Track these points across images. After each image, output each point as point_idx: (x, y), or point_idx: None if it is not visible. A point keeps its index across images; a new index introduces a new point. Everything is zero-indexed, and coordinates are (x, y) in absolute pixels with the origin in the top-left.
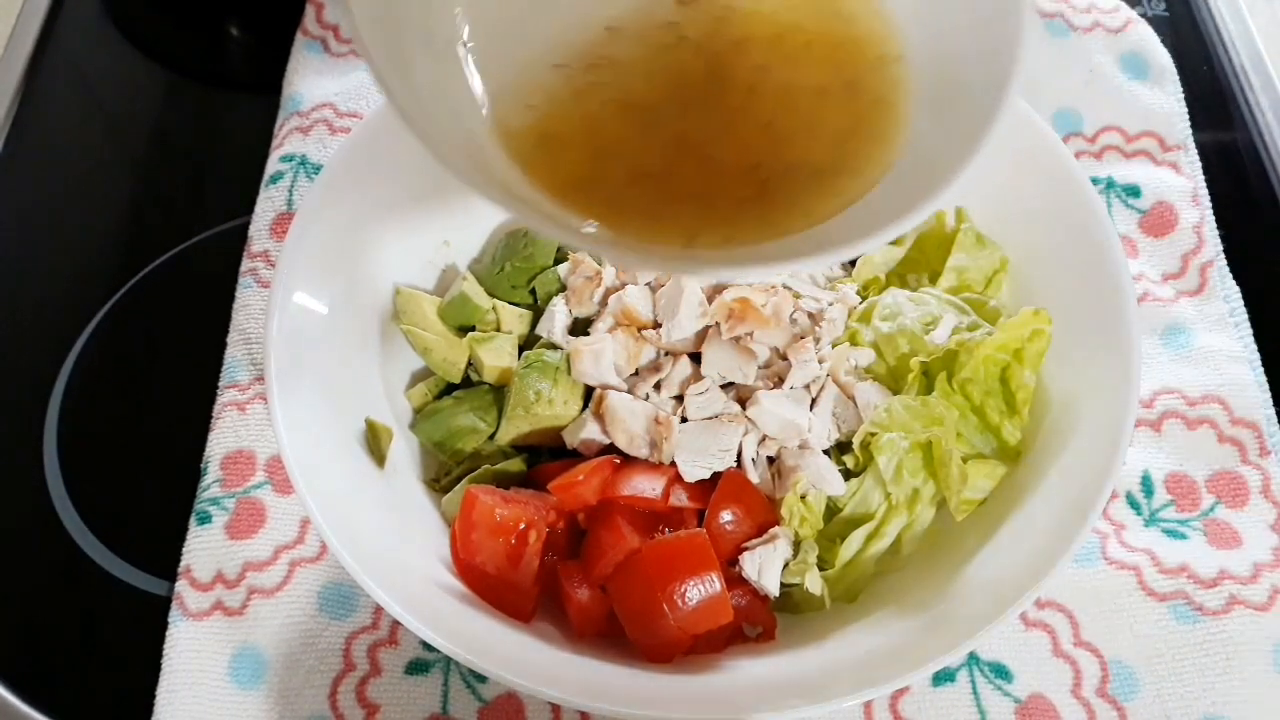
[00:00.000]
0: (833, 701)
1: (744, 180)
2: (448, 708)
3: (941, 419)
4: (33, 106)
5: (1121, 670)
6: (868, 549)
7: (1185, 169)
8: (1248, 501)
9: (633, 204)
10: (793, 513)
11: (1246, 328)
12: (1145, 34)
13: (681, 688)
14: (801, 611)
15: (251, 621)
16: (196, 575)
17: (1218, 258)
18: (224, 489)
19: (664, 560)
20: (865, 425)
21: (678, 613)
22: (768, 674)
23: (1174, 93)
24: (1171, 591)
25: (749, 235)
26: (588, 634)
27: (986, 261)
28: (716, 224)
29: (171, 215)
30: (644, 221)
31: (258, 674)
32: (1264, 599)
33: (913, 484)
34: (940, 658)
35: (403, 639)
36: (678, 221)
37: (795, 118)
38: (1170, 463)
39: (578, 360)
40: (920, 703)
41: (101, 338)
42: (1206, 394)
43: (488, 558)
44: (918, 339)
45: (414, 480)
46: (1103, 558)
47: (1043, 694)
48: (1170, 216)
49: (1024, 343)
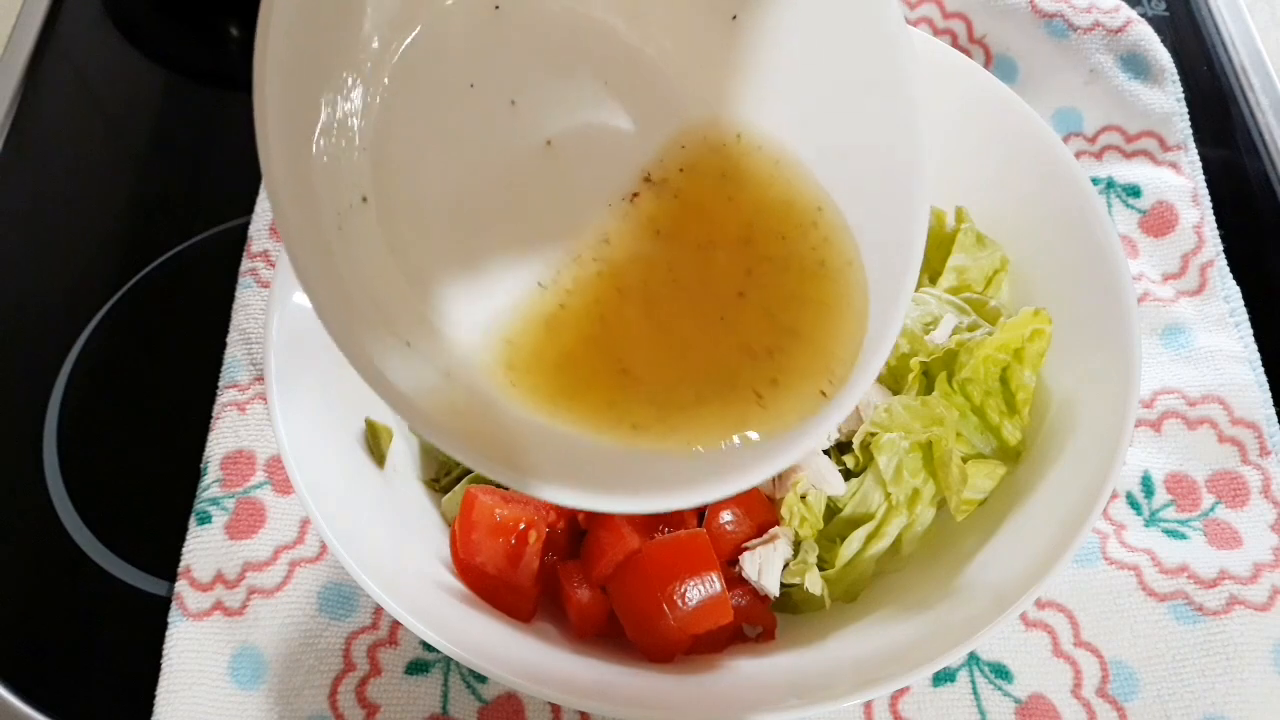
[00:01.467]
0: (833, 702)
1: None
2: (448, 708)
3: (942, 419)
4: (33, 106)
5: (1122, 670)
6: (868, 549)
7: (1185, 169)
8: (1248, 501)
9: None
10: (793, 513)
11: (1247, 328)
12: (1145, 34)
13: (681, 688)
14: (801, 612)
15: (251, 621)
16: (196, 575)
17: (1218, 258)
18: (224, 489)
19: (664, 560)
20: (865, 425)
21: (678, 613)
22: (768, 674)
23: (1174, 92)
24: (1172, 592)
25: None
26: (588, 634)
27: (987, 261)
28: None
29: (171, 215)
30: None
31: (257, 674)
32: (1264, 599)
33: (913, 484)
34: (940, 658)
35: (402, 639)
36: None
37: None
38: (1170, 463)
39: None
40: (920, 703)
41: (101, 338)
42: (1207, 394)
43: (488, 558)
44: (918, 339)
45: (414, 480)
46: (1103, 558)
47: (1043, 694)
48: (1170, 216)
49: (1024, 343)
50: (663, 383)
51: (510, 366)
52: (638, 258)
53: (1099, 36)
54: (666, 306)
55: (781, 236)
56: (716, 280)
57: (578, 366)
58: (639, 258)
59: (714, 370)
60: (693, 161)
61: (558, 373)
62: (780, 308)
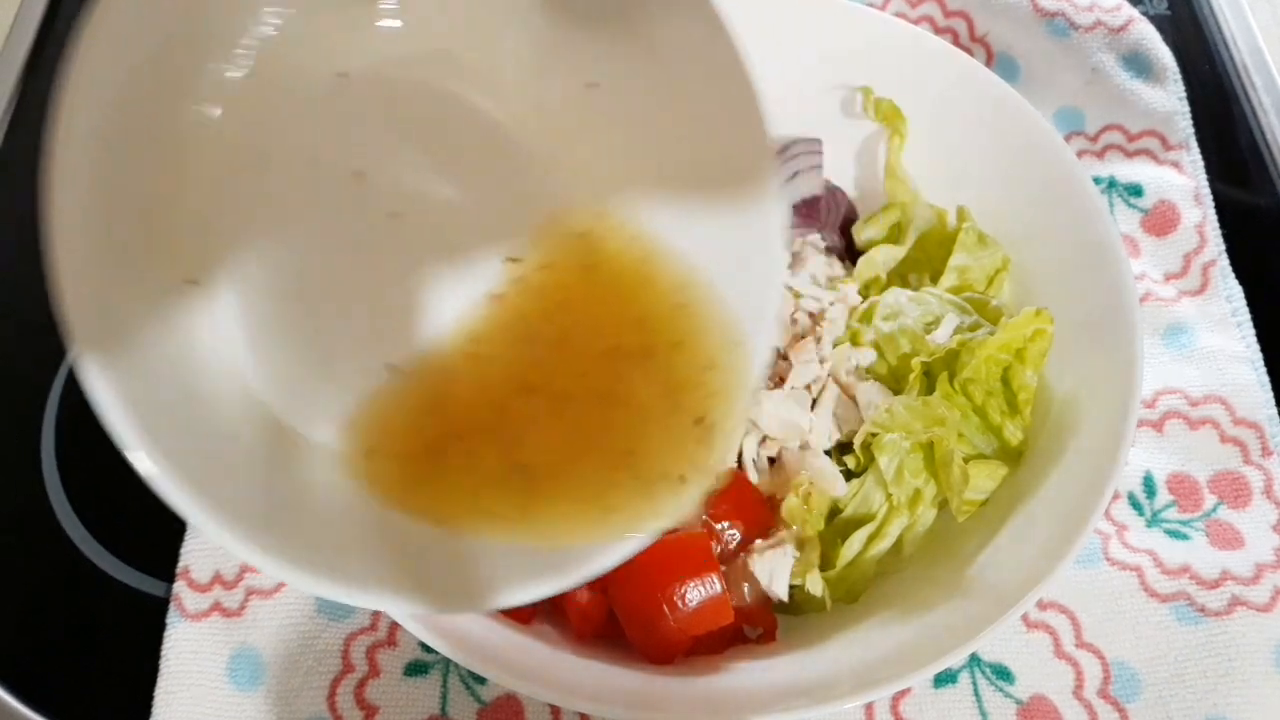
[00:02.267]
0: (834, 703)
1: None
2: (447, 709)
3: (943, 419)
4: (32, 106)
5: (1123, 671)
6: (869, 550)
7: (1187, 168)
8: (1250, 502)
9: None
10: (794, 514)
11: (1249, 327)
12: (1147, 32)
13: (681, 689)
14: (802, 613)
15: (250, 622)
16: (194, 576)
17: (1220, 257)
18: None
19: (664, 561)
20: (866, 426)
21: (678, 614)
22: (768, 675)
23: (1176, 91)
24: (1173, 592)
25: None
26: (587, 635)
27: (988, 261)
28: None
29: None
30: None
31: (256, 675)
32: (1266, 600)
33: (914, 485)
34: (942, 659)
35: (401, 640)
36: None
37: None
38: (1172, 463)
39: None
40: (921, 704)
41: None
42: (1209, 394)
43: None
44: (919, 339)
45: None
46: (1105, 558)
47: (1044, 695)
48: (1172, 216)
49: (1026, 342)
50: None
51: (369, 453)
52: (500, 355)
53: (1100, 35)
54: (533, 400)
55: (643, 324)
56: (580, 377)
57: (436, 456)
58: (502, 355)
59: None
60: (555, 254)
61: (415, 462)
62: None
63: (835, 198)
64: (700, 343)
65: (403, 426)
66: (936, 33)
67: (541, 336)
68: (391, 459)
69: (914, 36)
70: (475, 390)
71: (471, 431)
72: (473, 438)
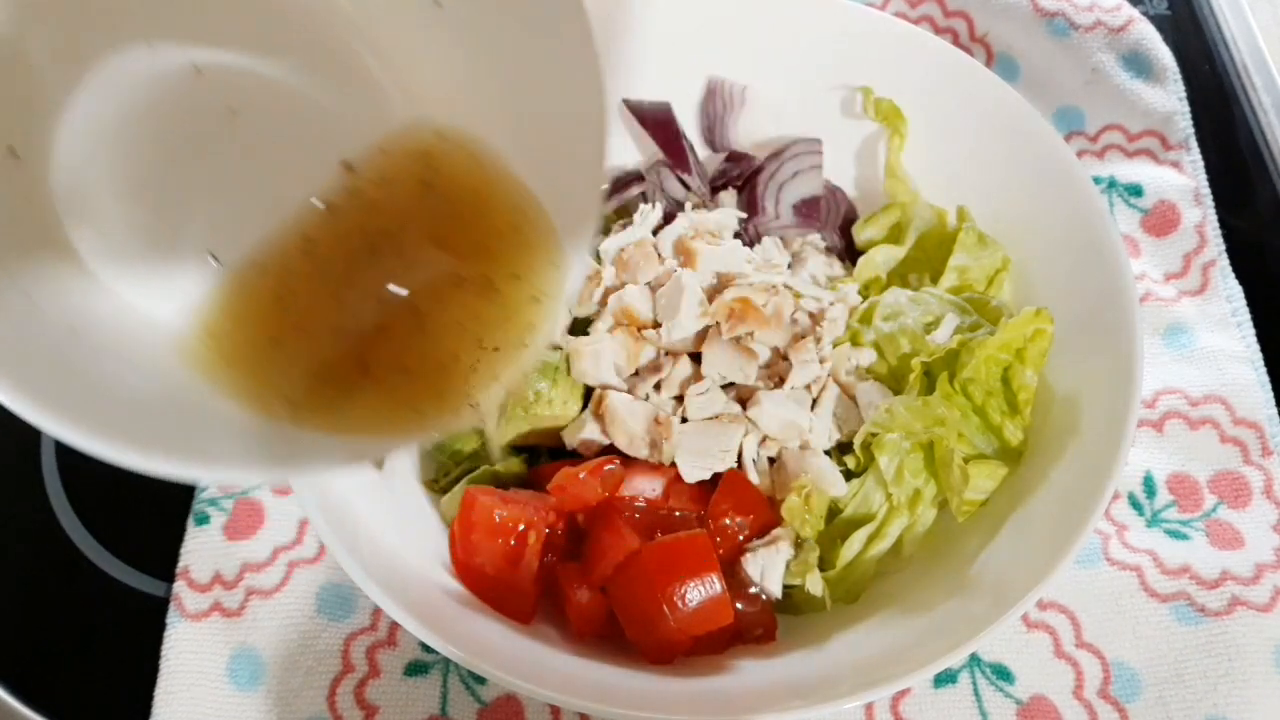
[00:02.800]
0: (834, 703)
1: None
2: (446, 709)
3: (943, 419)
4: None
5: (1123, 671)
6: (869, 550)
7: (1187, 168)
8: (1250, 502)
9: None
10: (794, 513)
11: (1249, 327)
12: (1147, 32)
13: (682, 689)
14: (803, 613)
15: (250, 622)
16: (194, 576)
17: (1220, 257)
18: (222, 490)
19: (664, 561)
20: (866, 425)
21: (678, 614)
22: (768, 675)
23: (1176, 91)
24: (1173, 592)
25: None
26: (587, 635)
27: (988, 261)
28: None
29: None
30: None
31: (256, 675)
32: (1266, 600)
33: (914, 484)
34: (942, 659)
35: (401, 640)
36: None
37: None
38: (1172, 463)
39: (577, 360)
40: (921, 704)
41: None
42: (1209, 394)
43: (487, 559)
44: (919, 339)
45: (413, 481)
46: (1105, 558)
47: (1044, 695)
48: (1172, 216)
49: (1026, 342)
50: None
51: (212, 336)
52: (341, 260)
53: (1101, 35)
54: (373, 305)
55: (479, 243)
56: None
57: (275, 345)
58: (343, 260)
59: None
60: (395, 170)
61: (254, 348)
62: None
63: (835, 198)
64: (531, 271)
65: (247, 315)
66: (936, 33)
67: (380, 250)
68: (232, 343)
69: (914, 37)
70: (316, 289)
71: (312, 327)
72: (313, 332)
